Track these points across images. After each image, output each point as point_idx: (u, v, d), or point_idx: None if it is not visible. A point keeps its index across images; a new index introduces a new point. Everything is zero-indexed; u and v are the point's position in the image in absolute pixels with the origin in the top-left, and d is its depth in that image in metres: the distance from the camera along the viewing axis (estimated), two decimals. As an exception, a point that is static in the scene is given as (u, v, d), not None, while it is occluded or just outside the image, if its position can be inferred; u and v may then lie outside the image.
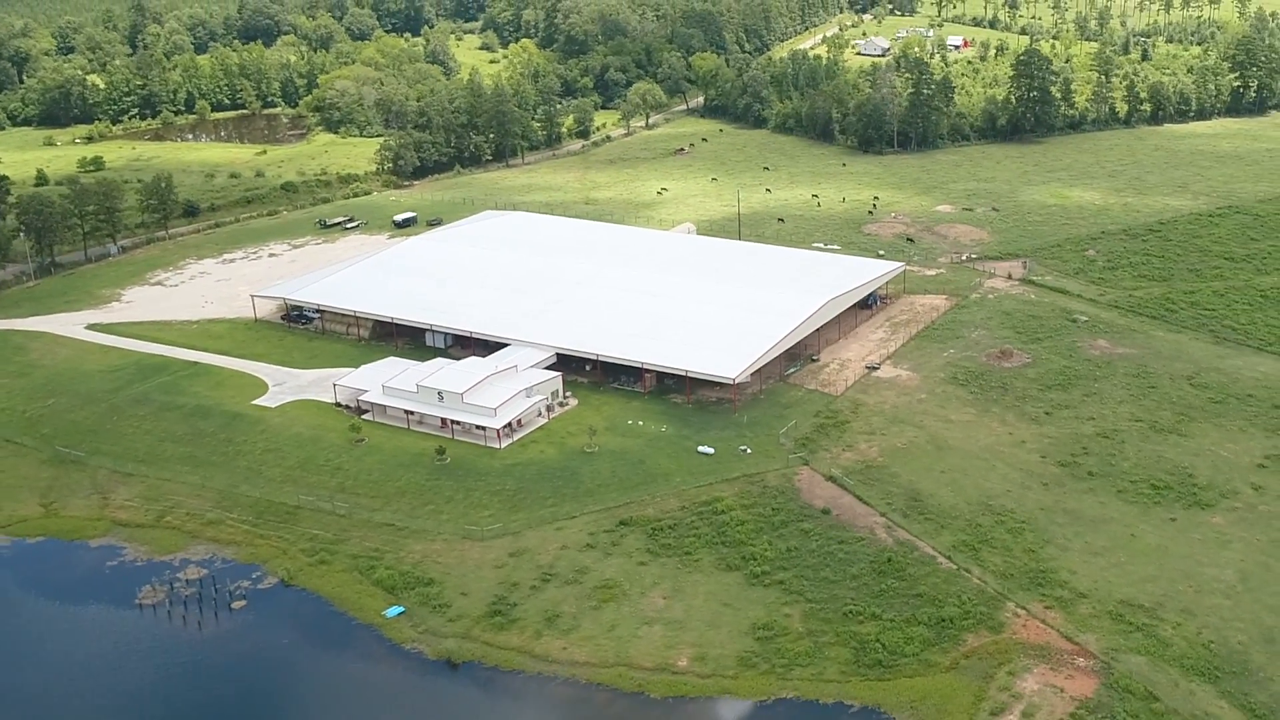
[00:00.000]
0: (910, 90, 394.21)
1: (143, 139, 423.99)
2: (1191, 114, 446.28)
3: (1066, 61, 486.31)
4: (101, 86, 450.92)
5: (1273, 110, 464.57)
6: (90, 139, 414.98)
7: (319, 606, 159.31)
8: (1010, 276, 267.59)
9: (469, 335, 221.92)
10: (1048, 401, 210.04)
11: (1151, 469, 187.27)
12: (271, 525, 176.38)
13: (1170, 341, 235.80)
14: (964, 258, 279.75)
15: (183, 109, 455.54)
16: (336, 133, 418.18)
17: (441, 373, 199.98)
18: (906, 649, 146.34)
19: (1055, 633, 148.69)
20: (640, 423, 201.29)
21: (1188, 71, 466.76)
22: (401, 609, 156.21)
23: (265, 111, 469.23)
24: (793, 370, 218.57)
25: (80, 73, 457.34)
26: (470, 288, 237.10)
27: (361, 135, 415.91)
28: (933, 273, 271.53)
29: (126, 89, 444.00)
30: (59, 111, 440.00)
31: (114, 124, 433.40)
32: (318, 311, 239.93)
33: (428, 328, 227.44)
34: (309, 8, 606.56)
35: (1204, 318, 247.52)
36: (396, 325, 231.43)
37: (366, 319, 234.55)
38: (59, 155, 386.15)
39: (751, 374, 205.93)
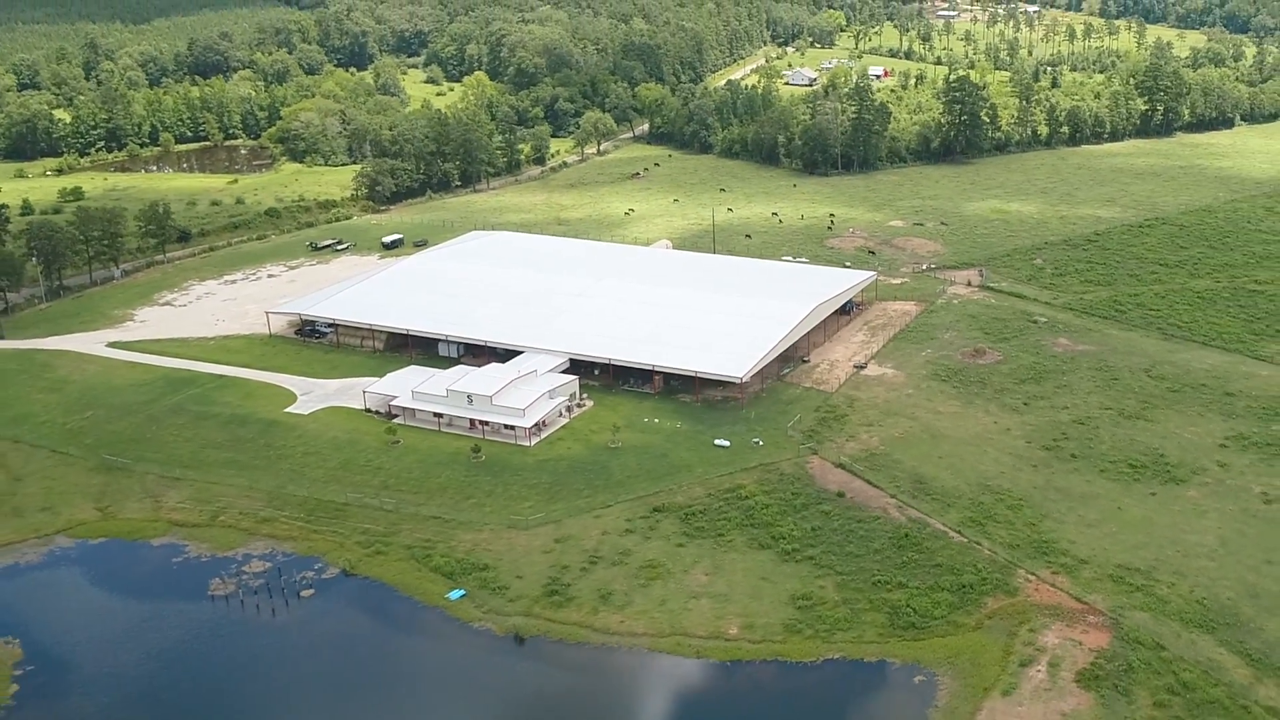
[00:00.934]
0: (852, 115, 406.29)
1: (109, 170, 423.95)
2: (1106, 135, 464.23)
3: (983, 89, 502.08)
4: (68, 120, 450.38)
5: (1178, 131, 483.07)
6: (60, 171, 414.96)
7: (384, 592, 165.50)
8: (970, 284, 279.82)
9: (483, 344, 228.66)
10: (1024, 393, 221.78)
11: (1127, 450, 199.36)
12: (324, 521, 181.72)
13: (1124, 339, 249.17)
14: (924, 267, 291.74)
15: (147, 141, 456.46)
16: (302, 162, 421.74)
17: (468, 377, 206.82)
18: (935, 612, 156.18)
19: (1065, 594, 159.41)
20: (656, 420, 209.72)
21: (1095, 97, 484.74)
22: (463, 592, 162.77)
23: (227, 143, 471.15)
24: (788, 371, 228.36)
25: (46, 107, 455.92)
26: (477, 301, 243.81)
27: (327, 164, 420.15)
28: (898, 281, 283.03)
29: (93, 123, 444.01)
30: (25, 145, 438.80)
31: (81, 156, 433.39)
32: (330, 326, 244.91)
33: (442, 338, 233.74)
34: (257, 44, 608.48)
35: (1150, 317, 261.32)
36: (411, 337, 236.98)
37: (381, 331, 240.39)
38: (35, 186, 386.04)
39: (754, 374, 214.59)
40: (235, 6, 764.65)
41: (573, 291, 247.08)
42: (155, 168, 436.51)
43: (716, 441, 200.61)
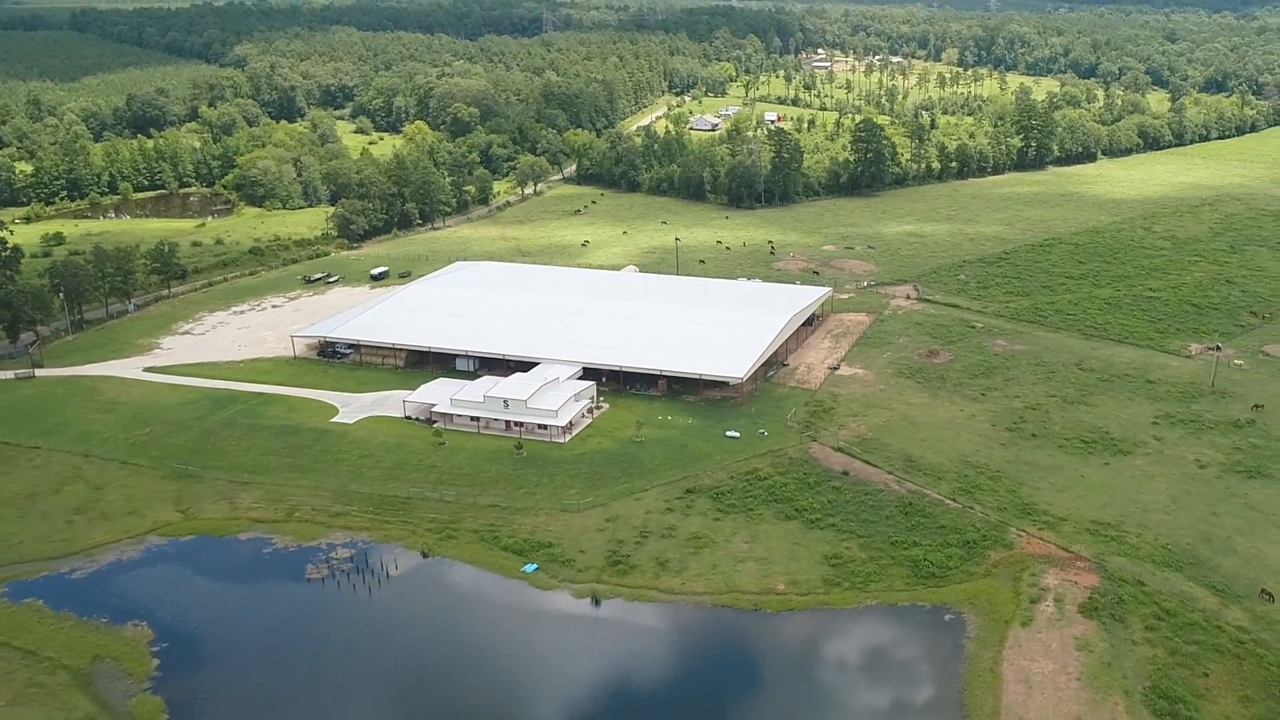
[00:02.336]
0: (773, 154, 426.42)
1: (69, 218, 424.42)
2: (989, 169, 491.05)
3: (885, 130, 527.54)
4: (29, 171, 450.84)
5: (1049, 165, 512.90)
6: (29, 219, 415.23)
7: (464, 569, 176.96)
8: (909, 297, 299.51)
9: (502, 357, 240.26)
10: (979, 386, 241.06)
11: (1077, 430, 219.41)
12: (391, 513, 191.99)
13: (1052, 339, 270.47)
14: (865, 284, 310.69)
15: (106, 190, 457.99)
16: (261, 206, 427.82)
17: (501, 385, 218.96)
18: (949, 564, 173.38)
19: (1053, 546, 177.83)
20: (669, 418, 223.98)
21: (970, 136, 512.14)
22: (535, 565, 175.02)
23: (182, 191, 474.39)
24: (772, 373, 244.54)
25: (9, 159, 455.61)
26: (486, 320, 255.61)
27: (285, 208, 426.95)
28: (845, 296, 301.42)
29: (55, 173, 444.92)
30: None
31: (47, 205, 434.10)
32: (350, 347, 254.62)
33: (461, 353, 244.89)
34: (191, 99, 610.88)
35: (1069, 321, 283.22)
36: (432, 353, 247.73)
37: (403, 350, 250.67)
38: (13, 233, 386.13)
39: (750, 375, 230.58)
40: (157, 65, 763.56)
41: (573, 309, 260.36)
42: (113, 214, 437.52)
43: (728, 433, 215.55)
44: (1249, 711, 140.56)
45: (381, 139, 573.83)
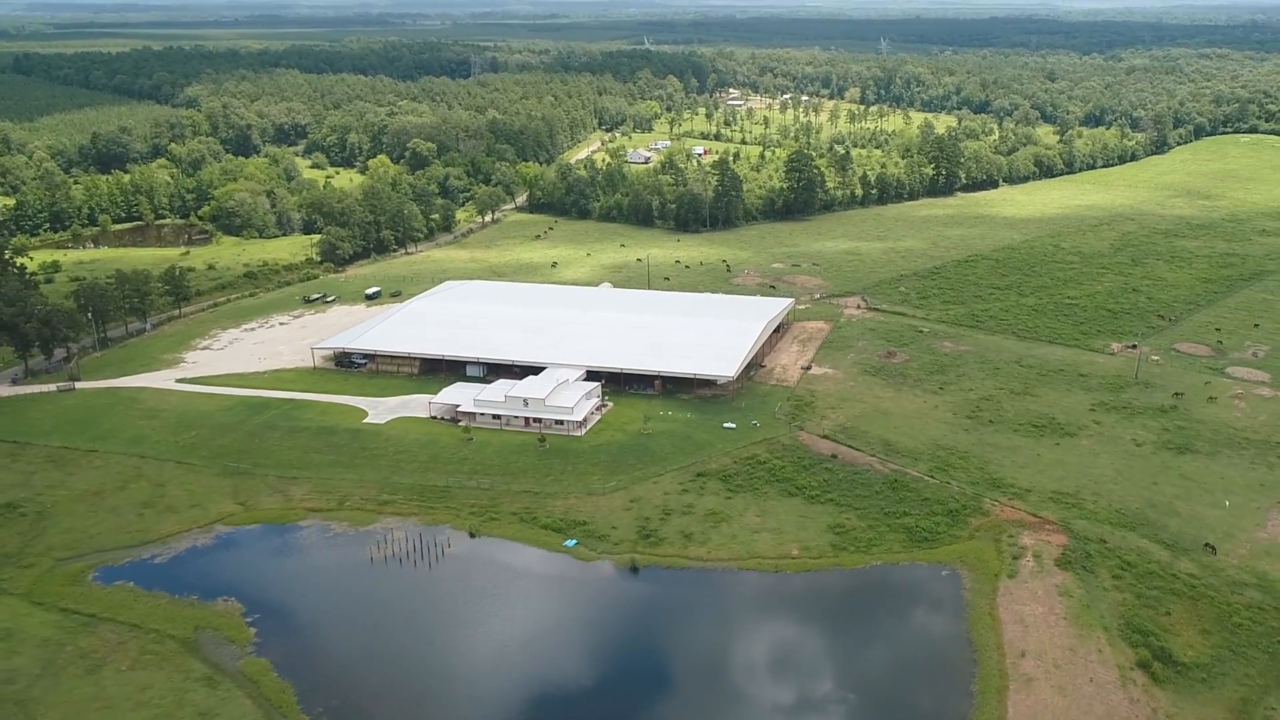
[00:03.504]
0: (716, 182, 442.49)
1: (57, 249, 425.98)
2: (905, 195, 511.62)
3: (815, 161, 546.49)
4: (11, 205, 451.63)
5: (958, 191, 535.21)
6: (17, 251, 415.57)
7: (510, 545, 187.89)
8: (859, 307, 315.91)
9: (510, 363, 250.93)
10: (936, 381, 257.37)
11: (1026, 416, 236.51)
12: (434, 500, 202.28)
13: (991, 341, 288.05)
14: (817, 296, 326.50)
15: (86, 222, 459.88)
16: (239, 235, 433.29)
17: (520, 386, 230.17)
18: (938, 530, 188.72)
19: (1024, 512, 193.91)
20: (669, 413, 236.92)
21: (881, 166, 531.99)
22: (575, 540, 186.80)
23: (158, 222, 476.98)
24: (753, 374, 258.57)
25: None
26: (490, 331, 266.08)
27: (260, 236, 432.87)
28: (803, 307, 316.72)
29: (39, 206, 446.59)
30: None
31: (32, 236, 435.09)
32: (365, 357, 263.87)
33: (471, 360, 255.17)
34: (153, 137, 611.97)
35: (1003, 325, 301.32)
36: (445, 361, 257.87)
37: (417, 358, 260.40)
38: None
39: (738, 374, 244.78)
40: (109, 105, 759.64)
41: (568, 320, 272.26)
42: (92, 244, 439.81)
43: (725, 425, 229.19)
44: (1208, 641, 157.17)
45: (338, 173, 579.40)
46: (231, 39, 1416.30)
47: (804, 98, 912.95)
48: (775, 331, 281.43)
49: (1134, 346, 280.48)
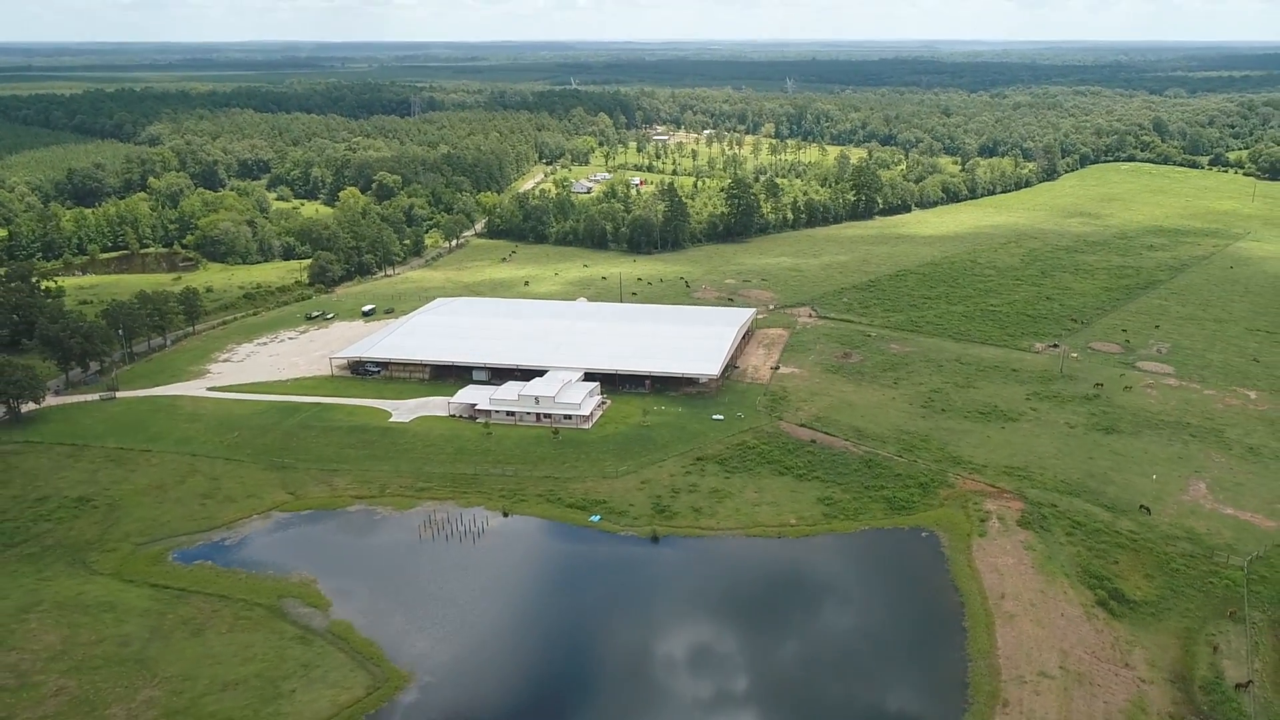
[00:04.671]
0: (665, 208, 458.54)
1: (51, 277, 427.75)
2: (831, 219, 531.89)
3: (721, 190, 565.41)
4: (4, 235, 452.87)
5: (877, 215, 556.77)
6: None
7: (542, 522, 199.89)
8: (810, 315, 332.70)
9: (513, 367, 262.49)
10: (889, 378, 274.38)
11: (973, 405, 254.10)
12: (465, 486, 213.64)
13: (932, 343, 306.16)
14: (771, 307, 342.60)
15: (76, 251, 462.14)
16: (224, 262, 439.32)
17: (530, 386, 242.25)
18: (913, 499, 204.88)
19: (984, 484, 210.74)
20: (662, 408, 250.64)
21: (804, 194, 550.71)
22: (599, 516, 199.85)
23: (142, 251, 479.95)
24: (730, 373, 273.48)
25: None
26: (491, 340, 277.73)
27: (244, 262, 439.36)
28: (762, 316, 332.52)
29: (31, 236, 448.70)
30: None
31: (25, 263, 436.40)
32: (378, 365, 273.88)
33: (478, 365, 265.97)
34: (124, 173, 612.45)
35: (939, 329, 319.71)
36: (454, 367, 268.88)
37: (427, 365, 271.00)
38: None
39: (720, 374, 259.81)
40: (74, 144, 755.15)
41: (561, 329, 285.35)
42: (80, 272, 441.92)
43: (714, 416, 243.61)
44: (1152, 583, 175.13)
45: (303, 204, 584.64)
46: (173, 81, 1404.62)
47: (725, 133, 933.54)
48: (743, 338, 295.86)
49: (1055, 345, 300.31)
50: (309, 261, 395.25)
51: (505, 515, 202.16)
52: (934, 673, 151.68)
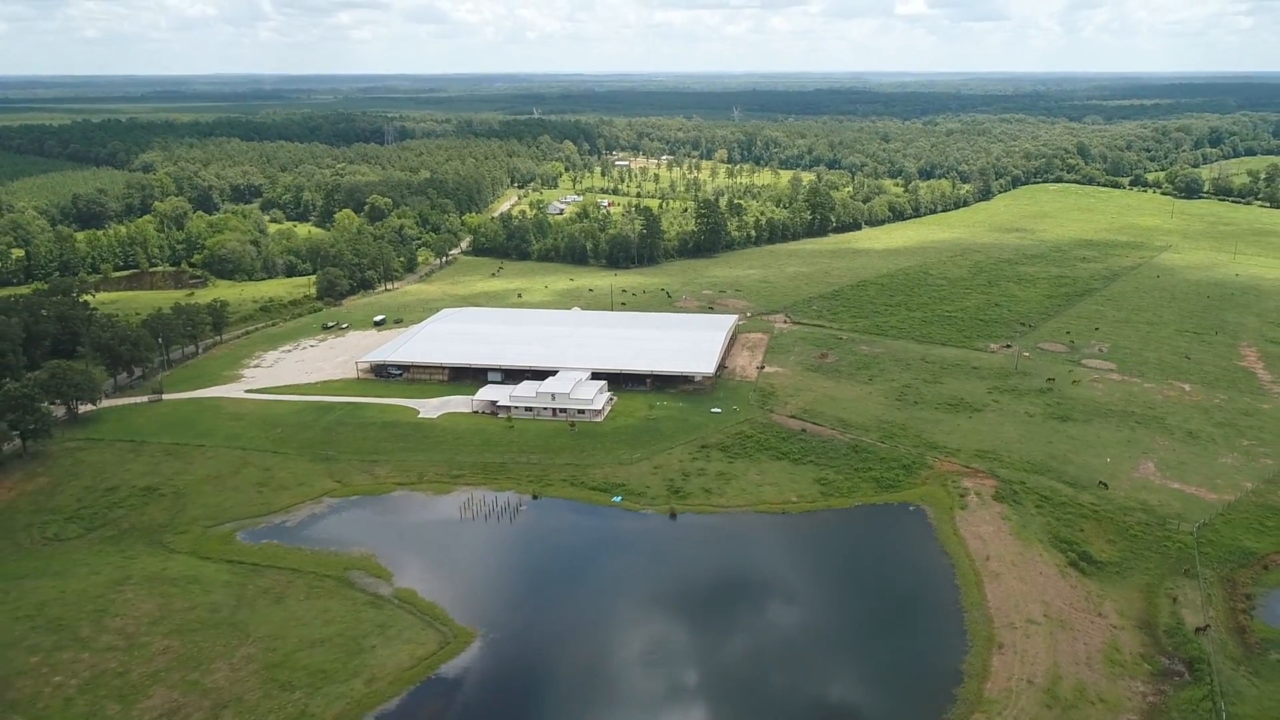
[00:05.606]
0: (641, 226, 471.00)
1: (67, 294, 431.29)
2: (790, 236, 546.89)
3: (684, 211, 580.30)
4: (21, 255, 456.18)
5: (831, 233, 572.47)
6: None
7: (570, 503, 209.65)
8: (785, 321, 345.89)
9: (525, 369, 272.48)
10: (865, 375, 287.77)
11: (942, 398, 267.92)
12: (495, 473, 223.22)
13: (898, 345, 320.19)
14: (749, 315, 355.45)
15: (91, 270, 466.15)
16: (231, 279, 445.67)
17: (546, 384, 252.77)
18: (898, 479, 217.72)
19: (959, 465, 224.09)
20: (664, 403, 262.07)
21: (761, 213, 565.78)
22: (620, 497, 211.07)
23: (151, 270, 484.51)
24: (721, 372, 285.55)
25: (3, 247, 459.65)
26: (503, 345, 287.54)
27: (249, 279, 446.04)
28: (742, 322, 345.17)
29: (49, 257, 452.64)
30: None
31: (44, 282, 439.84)
32: (400, 368, 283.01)
33: (493, 367, 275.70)
34: (124, 198, 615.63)
35: (903, 333, 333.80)
36: (471, 369, 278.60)
37: (446, 367, 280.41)
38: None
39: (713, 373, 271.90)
40: (71, 171, 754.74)
41: (564, 334, 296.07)
42: (95, 290, 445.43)
43: (712, 410, 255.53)
44: (1115, 547, 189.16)
45: (296, 226, 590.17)
46: (152, 112, 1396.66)
47: (684, 158, 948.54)
48: (729, 341, 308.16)
49: (1009, 346, 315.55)
50: (313, 277, 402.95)
51: (535, 497, 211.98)
52: (936, 621, 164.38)
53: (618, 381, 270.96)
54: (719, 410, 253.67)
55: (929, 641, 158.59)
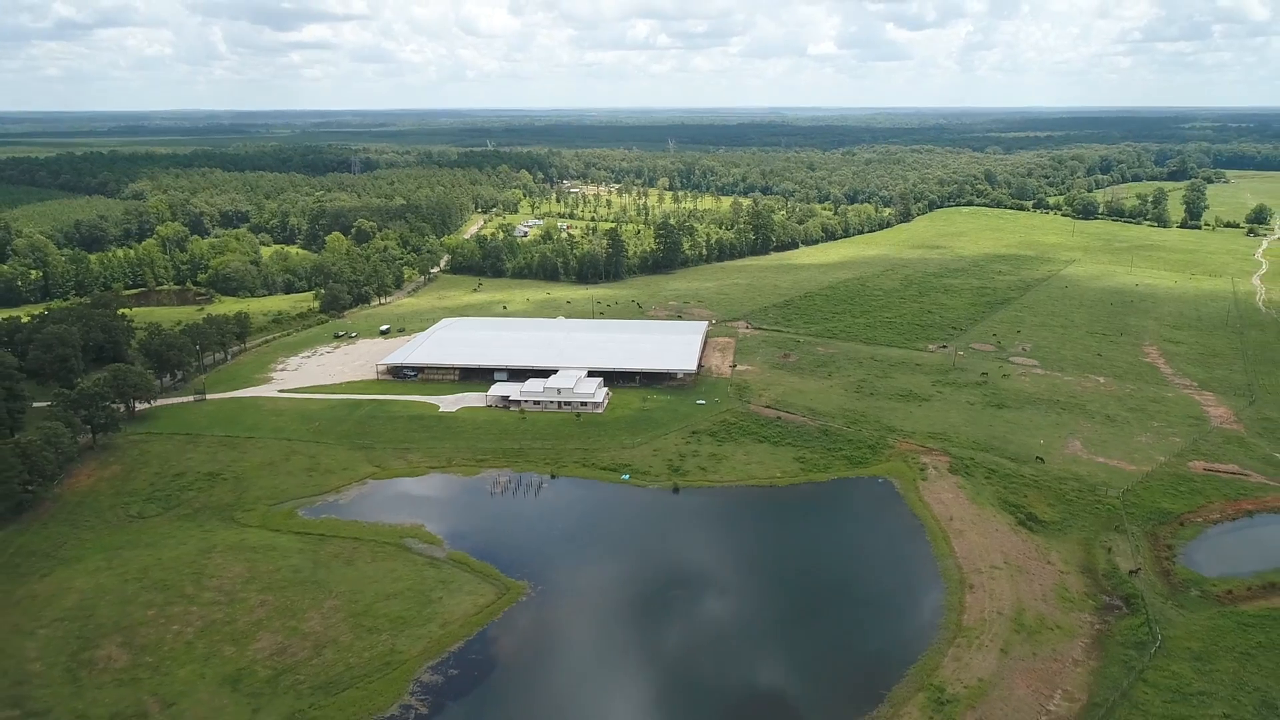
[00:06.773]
0: (608, 245, 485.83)
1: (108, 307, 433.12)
2: (736, 254, 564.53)
3: (638, 232, 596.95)
4: (38, 276, 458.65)
5: (772, 251, 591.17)
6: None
7: (584, 480, 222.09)
8: (747, 327, 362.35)
9: (528, 369, 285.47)
10: (824, 371, 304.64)
11: (895, 390, 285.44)
12: (513, 457, 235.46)
13: (849, 346, 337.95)
14: (714, 321, 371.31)
15: (102, 290, 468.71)
16: (235, 295, 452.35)
17: (552, 380, 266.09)
18: (866, 457, 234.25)
19: (917, 445, 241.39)
20: (654, 397, 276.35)
21: (708, 236, 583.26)
22: (628, 475, 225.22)
23: (158, 288, 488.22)
24: (699, 370, 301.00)
25: (23, 268, 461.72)
26: (506, 348, 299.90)
27: (253, 295, 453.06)
28: (711, 328, 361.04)
29: (65, 277, 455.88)
30: (12, 297, 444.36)
31: (63, 301, 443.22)
32: (415, 369, 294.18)
33: (498, 368, 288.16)
34: (123, 224, 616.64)
35: (852, 336, 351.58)
36: (479, 370, 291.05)
37: (457, 368, 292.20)
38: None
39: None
40: (66, 199, 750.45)
41: (559, 339, 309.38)
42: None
43: (698, 401, 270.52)
44: (1055, 510, 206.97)
45: (284, 248, 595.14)
46: (126, 145, 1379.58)
47: (631, 185, 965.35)
48: (702, 344, 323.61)
49: (945, 346, 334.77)
50: (312, 293, 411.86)
51: (553, 477, 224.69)
52: (914, 568, 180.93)
53: (610, 379, 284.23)
54: (704, 402, 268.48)
55: (912, 583, 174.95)
